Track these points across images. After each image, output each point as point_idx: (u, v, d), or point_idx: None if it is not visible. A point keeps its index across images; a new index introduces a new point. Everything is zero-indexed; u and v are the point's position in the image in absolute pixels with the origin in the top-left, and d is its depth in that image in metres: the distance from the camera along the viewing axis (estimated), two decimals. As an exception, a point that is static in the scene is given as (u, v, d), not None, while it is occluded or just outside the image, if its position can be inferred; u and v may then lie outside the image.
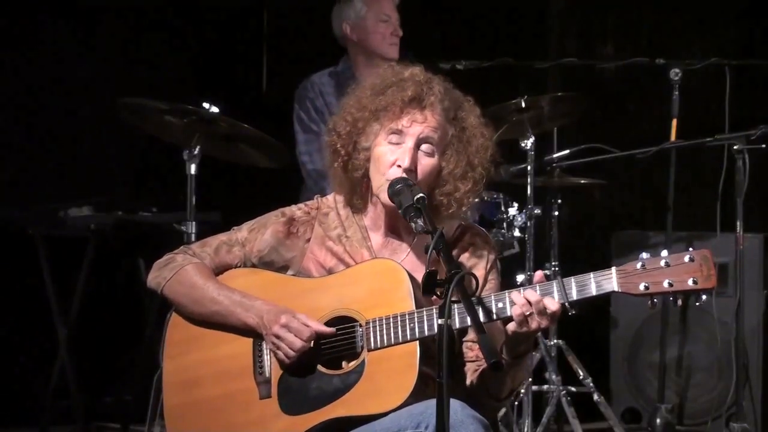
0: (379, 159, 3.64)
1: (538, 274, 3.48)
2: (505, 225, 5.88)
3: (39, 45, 6.70)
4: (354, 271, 3.66)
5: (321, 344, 3.60)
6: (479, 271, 3.68)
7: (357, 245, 3.73)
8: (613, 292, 3.39)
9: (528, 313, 3.40)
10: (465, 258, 3.70)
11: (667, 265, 3.37)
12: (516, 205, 5.93)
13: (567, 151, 6.02)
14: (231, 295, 3.70)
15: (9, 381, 6.56)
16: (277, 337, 3.59)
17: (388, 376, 3.50)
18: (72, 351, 6.26)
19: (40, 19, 6.71)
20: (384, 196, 3.62)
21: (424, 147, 3.63)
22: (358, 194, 3.74)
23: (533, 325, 3.41)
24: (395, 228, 3.73)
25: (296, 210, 3.82)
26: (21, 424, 6.48)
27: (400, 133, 3.62)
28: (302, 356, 3.58)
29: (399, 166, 3.60)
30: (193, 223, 5.21)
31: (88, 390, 6.39)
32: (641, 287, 3.38)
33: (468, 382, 3.62)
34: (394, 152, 3.62)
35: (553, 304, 3.40)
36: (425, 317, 3.48)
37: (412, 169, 3.61)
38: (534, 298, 3.40)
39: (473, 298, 3.35)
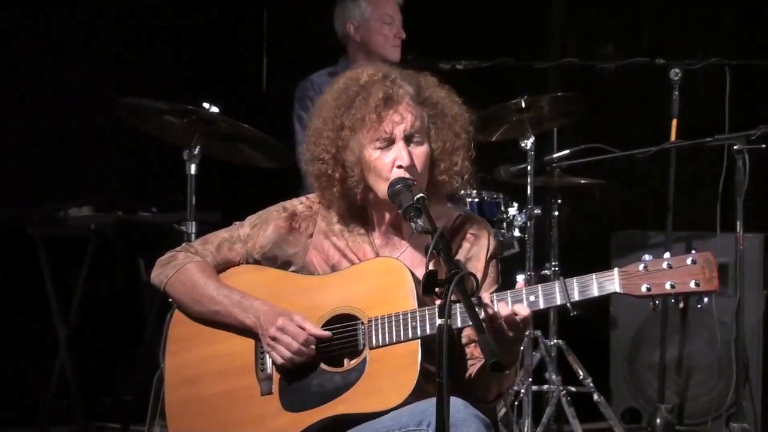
0: (376, 167, 3.63)
1: (520, 283, 3.49)
2: (505, 225, 5.88)
3: (39, 45, 6.70)
4: (357, 269, 3.66)
5: (321, 344, 3.61)
6: (479, 262, 3.69)
7: (360, 241, 3.73)
8: (615, 293, 3.40)
9: (496, 324, 3.41)
10: (465, 248, 3.71)
11: (670, 267, 3.38)
12: (516, 205, 5.93)
13: (567, 151, 6.01)
14: (230, 295, 3.71)
15: (9, 381, 6.57)
16: (274, 339, 3.61)
17: (389, 375, 3.50)
18: (72, 351, 6.25)
19: (39, 19, 6.70)
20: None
21: (414, 139, 3.64)
22: (357, 205, 3.74)
23: (503, 335, 3.43)
24: (397, 224, 3.73)
25: (298, 204, 3.81)
26: (21, 424, 6.48)
27: (385, 136, 3.62)
28: (303, 354, 3.59)
29: (400, 166, 3.61)
30: (193, 223, 5.21)
31: (88, 390, 6.38)
32: (643, 289, 3.38)
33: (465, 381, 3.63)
34: (388, 155, 3.62)
35: (522, 309, 3.41)
36: (427, 316, 3.48)
37: (412, 165, 3.61)
38: (505, 312, 3.41)
39: (473, 299, 3.35)
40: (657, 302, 3.40)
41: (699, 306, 3.39)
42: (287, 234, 3.77)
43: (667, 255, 3.39)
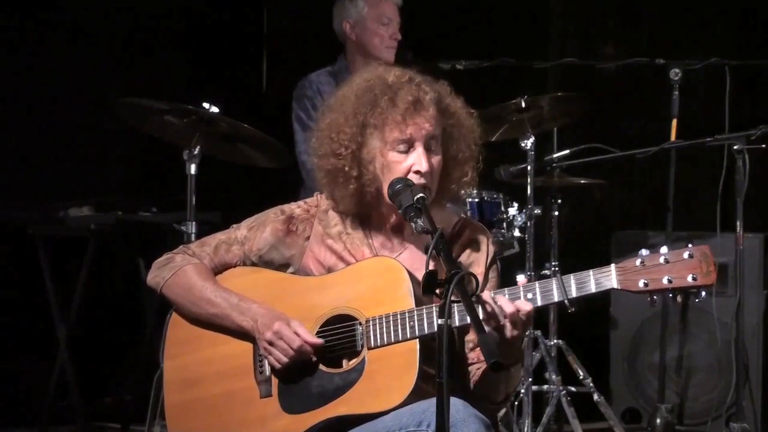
0: (392, 169, 3.62)
1: (521, 281, 3.49)
2: (505, 225, 5.89)
3: (39, 45, 6.70)
4: (354, 269, 3.66)
5: (317, 350, 3.61)
6: (479, 268, 3.69)
7: (358, 243, 3.73)
8: (613, 289, 3.39)
9: (499, 322, 3.40)
10: (465, 254, 3.71)
11: (667, 261, 3.37)
12: (516, 205, 5.93)
13: (567, 151, 6.02)
14: (228, 298, 3.71)
15: (9, 381, 6.57)
16: (270, 343, 3.61)
17: (388, 375, 3.50)
18: (72, 351, 6.25)
19: (39, 19, 6.71)
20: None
21: (432, 145, 3.64)
22: (366, 205, 3.74)
23: (507, 333, 3.42)
24: (399, 227, 3.74)
25: (295, 208, 3.82)
26: (21, 424, 6.48)
27: (407, 139, 3.61)
28: (296, 360, 3.59)
29: (417, 171, 3.60)
30: (193, 223, 5.21)
31: (88, 390, 6.38)
32: (640, 284, 3.38)
33: (471, 382, 3.63)
34: (406, 159, 3.62)
35: (524, 305, 3.41)
36: (425, 316, 3.48)
37: (429, 171, 3.61)
38: (508, 309, 3.41)
39: (473, 299, 3.35)
40: (655, 298, 3.39)
41: (697, 300, 3.38)
42: (284, 237, 3.77)
43: (664, 249, 3.38)
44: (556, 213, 6.20)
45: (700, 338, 6.57)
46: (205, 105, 5.18)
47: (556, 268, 6.09)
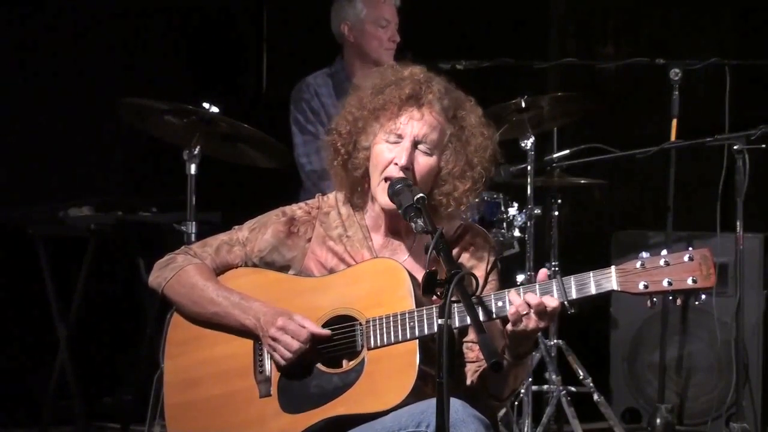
0: (377, 157, 3.65)
1: (542, 273, 3.48)
2: (505, 225, 5.88)
3: (39, 44, 6.70)
4: (355, 270, 3.67)
5: (321, 343, 3.61)
6: (479, 272, 3.68)
7: (358, 245, 3.73)
8: (613, 291, 3.39)
9: (524, 312, 3.39)
10: (465, 258, 3.71)
11: (667, 264, 3.37)
12: (516, 205, 5.93)
13: (567, 151, 6.02)
14: (230, 297, 3.71)
15: (9, 381, 6.57)
16: (274, 339, 3.61)
17: (387, 375, 3.51)
18: (72, 351, 6.25)
19: (39, 19, 6.71)
20: (381, 197, 3.63)
21: (422, 146, 3.64)
22: (358, 193, 3.75)
23: (531, 324, 3.41)
24: (396, 229, 3.74)
25: (297, 209, 3.82)
26: (21, 424, 6.48)
27: (398, 131, 3.63)
28: (301, 356, 3.59)
29: (396, 164, 3.61)
30: (193, 223, 5.21)
31: (88, 390, 6.38)
32: (640, 286, 3.38)
33: (468, 382, 3.62)
34: (391, 151, 3.63)
35: (552, 301, 3.40)
36: (425, 316, 3.49)
37: (408, 167, 3.61)
38: (533, 300, 3.40)
39: (473, 298, 3.35)
40: (654, 300, 3.39)
41: (696, 303, 3.39)
42: (286, 238, 3.78)
43: (664, 252, 3.38)
44: (556, 213, 6.21)
45: (700, 338, 6.57)
46: (205, 105, 5.19)
47: (556, 268, 6.09)
